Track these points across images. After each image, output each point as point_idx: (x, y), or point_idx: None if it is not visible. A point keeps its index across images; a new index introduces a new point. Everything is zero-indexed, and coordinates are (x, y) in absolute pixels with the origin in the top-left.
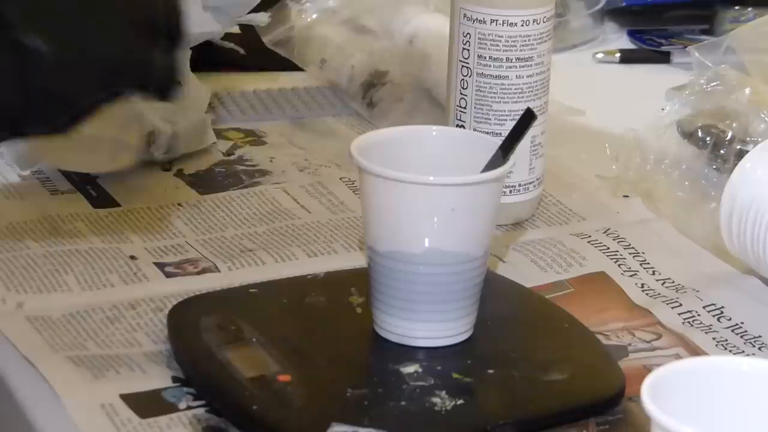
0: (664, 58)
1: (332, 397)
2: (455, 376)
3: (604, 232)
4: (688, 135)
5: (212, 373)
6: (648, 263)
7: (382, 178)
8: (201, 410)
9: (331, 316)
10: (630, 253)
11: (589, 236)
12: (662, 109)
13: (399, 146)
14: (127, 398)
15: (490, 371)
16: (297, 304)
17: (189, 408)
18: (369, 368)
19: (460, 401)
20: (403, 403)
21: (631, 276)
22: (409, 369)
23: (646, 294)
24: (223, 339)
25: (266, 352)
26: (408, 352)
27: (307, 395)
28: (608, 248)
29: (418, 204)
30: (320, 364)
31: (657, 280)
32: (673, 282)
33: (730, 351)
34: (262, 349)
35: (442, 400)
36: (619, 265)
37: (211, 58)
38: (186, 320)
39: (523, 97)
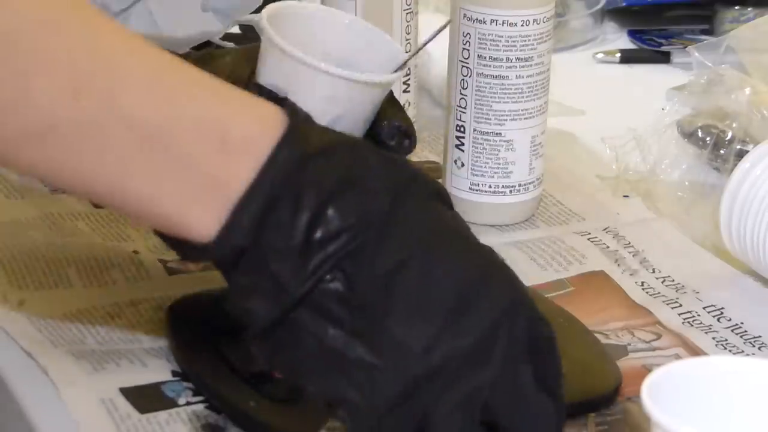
0: (664, 58)
1: None
2: None
3: (604, 230)
4: (688, 135)
5: (210, 370)
6: (648, 261)
7: (278, 49)
8: (200, 406)
9: None
10: (630, 252)
11: (589, 233)
12: (662, 109)
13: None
14: (126, 392)
15: None
16: None
17: (188, 404)
18: None
19: None
20: None
21: (630, 275)
22: None
23: (646, 293)
24: (222, 335)
25: None
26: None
27: (304, 390)
28: (608, 246)
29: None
30: None
31: (657, 279)
32: (673, 281)
33: (730, 351)
34: None
35: None
36: (618, 264)
37: None
38: (185, 316)
39: (523, 97)
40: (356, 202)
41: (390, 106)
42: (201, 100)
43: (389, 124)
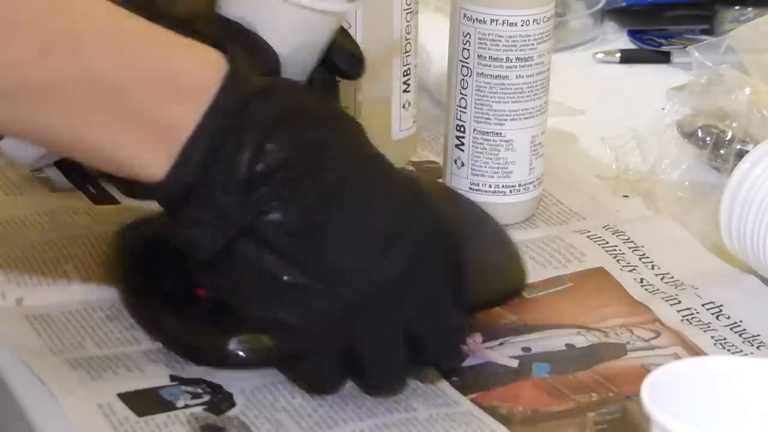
0: (664, 58)
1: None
2: None
3: (604, 227)
4: (688, 135)
5: (138, 288)
6: (647, 257)
7: None
8: (198, 409)
9: None
10: (629, 248)
11: (588, 231)
12: (662, 109)
13: None
14: (124, 397)
15: None
16: None
17: (187, 407)
18: None
19: None
20: None
21: (630, 271)
22: None
23: (645, 289)
24: (157, 260)
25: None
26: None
27: (220, 307)
28: (607, 243)
29: None
30: None
31: (656, 275)
32: (672, 277)
33: (729, 350)
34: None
35: None
36: (617, 260)
37: None
38: (131, 240)
39: (523, 97)
40: (291, 136)
41: (341, 34)
42: (155, 54)
43: (342, 51)
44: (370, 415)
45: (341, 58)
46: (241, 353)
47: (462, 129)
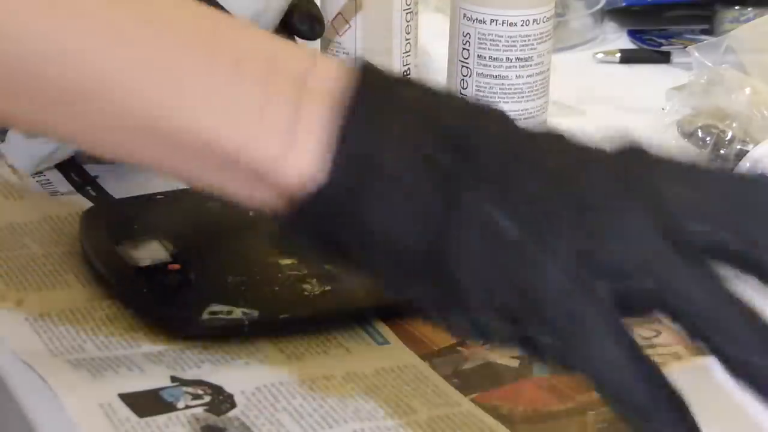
0: (664, 58)
1: (214, 283)
2: (328, 267)
3: None
4: (688, 135)
5: (112, 263)
6: None
7: None
8: (200, 410)
9: (226, 218)
10: None
11: None
12: (662, 109)
13: None
14: (125, 397)
15: None
16: (197, 208)
17: (187, 407)
18: (251, 260)
19: (327, 287)
20: (276, 288)
21: None
22: (287, 261)
23: None
24: (127, 235)
25: (163, 246)
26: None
27: (192, 280)
28: None
29: None
30: (209, 256)
31: None
32: None
33: None
34: (159, 243)
35: (311, 287)
36: None
37: None
38: (97, 220)
39: (523, 97)
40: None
41: None
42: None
43: (302, 12)
44: (370, 417)
45: (301, 19)
46: (211, 323)
47: None
